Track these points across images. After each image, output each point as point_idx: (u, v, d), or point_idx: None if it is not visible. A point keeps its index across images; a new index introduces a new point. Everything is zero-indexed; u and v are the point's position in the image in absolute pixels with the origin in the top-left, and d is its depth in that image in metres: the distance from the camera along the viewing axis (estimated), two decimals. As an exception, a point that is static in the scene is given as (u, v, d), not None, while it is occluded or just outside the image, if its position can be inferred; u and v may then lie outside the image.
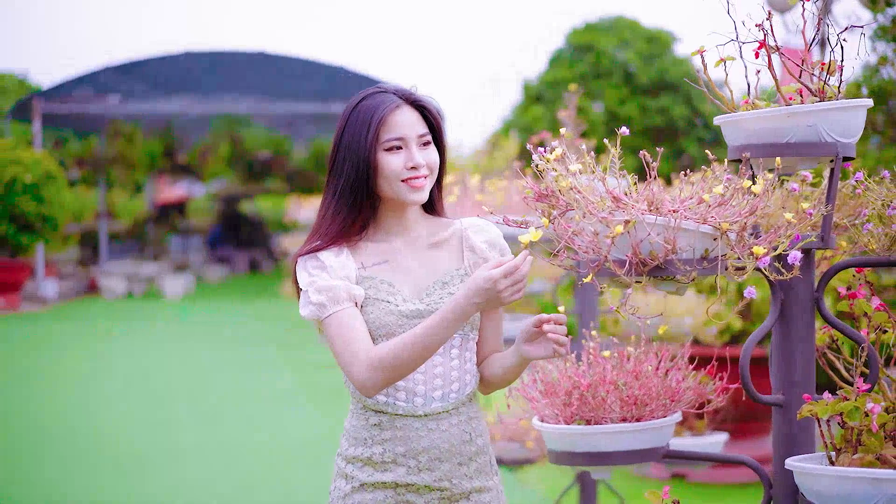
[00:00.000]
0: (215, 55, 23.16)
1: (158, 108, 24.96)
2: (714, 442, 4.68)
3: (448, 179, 6.23)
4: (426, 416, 2.93)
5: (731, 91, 2.95)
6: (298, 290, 2.99)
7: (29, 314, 18.61)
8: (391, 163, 2.93)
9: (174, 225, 29.07)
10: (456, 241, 3.06)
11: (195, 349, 14.59)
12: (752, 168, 2.83)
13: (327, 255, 2.96)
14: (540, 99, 22.47)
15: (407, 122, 2.96)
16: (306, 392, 11.39)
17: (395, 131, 2.95)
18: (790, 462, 2.71)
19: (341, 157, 2.95)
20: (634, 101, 22.08)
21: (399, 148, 2.95)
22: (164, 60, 22.96)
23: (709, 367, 3.44)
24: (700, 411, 3.35)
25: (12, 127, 24.21)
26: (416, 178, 2.95)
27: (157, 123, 26.68)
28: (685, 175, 2.83)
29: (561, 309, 3.36)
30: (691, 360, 3.34)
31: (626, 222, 2.64)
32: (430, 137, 3.00)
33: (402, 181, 2.94)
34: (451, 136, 30.29)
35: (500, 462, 5.75)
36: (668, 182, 6.14)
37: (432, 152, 3.00)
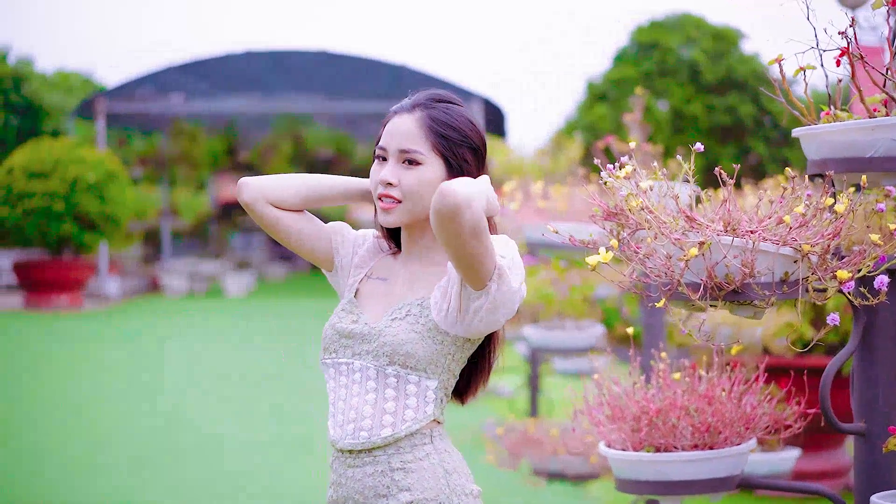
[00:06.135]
0: (277, 54, 23.24)
1: (221, 107, 25.09)
2: (787, 458, 4.51)
3: (510, 185, 6.12)
4: (342, 452, 2.56)
5: (810, 101, 2.79)
6: None
7: (92, 312, 18.72)
8: (372, 173, 2.62)
9: (236, 223, 29.19)
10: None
11: (255, 346, 14.57)
12: (832, 184, 2.66)
13: (354, 234, 2.78)
14: (604, 98, 22.26)
15: (394, 132, 2.57)
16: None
17: (382, 139, 2.60)
18: (875, 500, 2.54)
19: None
20: (700, 99, 21.80)
21: (383, 159, 2.59)
22: (226, 59, 23.08)
23: (783, 380, 3.29)
24: (776, 437, 3.19)
25: (76, 126, 24.41)
26: (384, 196, 2.56)
27: (220, 122, 26.84)
28: (764, 191, 2.67)
29: (629, 331, 3.22)
30: (765, 371, 3.18)
31: (701, 244, 2.48)
32: (419, 157, 2.53)
33: (378, 197, 2.58)
34: (512, 136, 30.10)
35: (563, 476, 5.60)
36: (738, 185, 5.96)
37: (414, 174, 2.54)
